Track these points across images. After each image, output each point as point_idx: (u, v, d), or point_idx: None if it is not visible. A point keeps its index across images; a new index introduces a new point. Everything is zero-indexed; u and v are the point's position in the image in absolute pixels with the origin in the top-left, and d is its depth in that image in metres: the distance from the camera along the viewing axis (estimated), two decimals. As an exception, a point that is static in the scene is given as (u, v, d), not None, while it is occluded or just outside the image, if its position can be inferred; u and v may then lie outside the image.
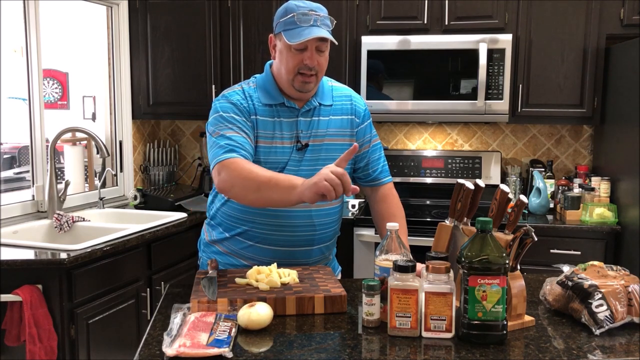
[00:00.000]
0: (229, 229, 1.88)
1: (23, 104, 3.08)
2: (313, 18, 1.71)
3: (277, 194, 1.58)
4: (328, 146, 1.85)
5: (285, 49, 1.74)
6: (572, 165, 3.66)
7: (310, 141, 1.83)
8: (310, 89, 1.80)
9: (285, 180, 1.58)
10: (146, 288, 2.83)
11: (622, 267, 1.54)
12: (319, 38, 1.71)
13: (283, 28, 1.73)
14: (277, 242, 1.83)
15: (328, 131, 1.86)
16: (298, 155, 1.81)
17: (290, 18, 1.71)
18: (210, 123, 1.79)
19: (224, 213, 1.88)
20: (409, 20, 3.36)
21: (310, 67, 1.74)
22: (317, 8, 1.74)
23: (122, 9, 3.62)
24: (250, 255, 1.84)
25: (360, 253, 3.19)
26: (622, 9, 3.17)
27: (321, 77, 1.82)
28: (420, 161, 3.64)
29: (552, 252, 3.05)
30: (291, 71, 1.75)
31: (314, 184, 1.48)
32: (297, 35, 1.69)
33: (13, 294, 2.24)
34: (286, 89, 1.81)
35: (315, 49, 1.73)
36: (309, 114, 1.84)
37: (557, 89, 3.28)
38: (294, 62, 1.74)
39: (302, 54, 1.73)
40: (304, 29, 1.70)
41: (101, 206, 3.33)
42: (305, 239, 1.85)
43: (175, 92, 3.67)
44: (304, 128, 1.83)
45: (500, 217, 1.48)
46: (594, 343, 1.33)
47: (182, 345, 1.25)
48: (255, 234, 1.83)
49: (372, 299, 1.41)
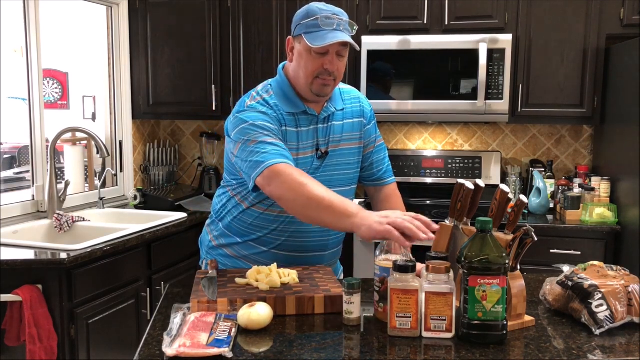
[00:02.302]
0: (242, 235, 1.85)
1: (23, 104, 3.08)
2: (336, 22, 1.68)
3: (329, 218, 1.53)
4: (342, 151, 1.84)
5: (306, 52, 1.70)
6: (572, 165, 3.66)
7: (328, 148, 1.81)
8: (328, 92, 1.76)
9: (340, 204, 1.51)
10: (146, 288, 2.83)
11: (622, 267, 1.54)
12: (341, 43, 1.69)
13: (304, 30, 1.69)
14: (292, 248, 1.82)
15: (343, 136, 1.84)
16: (318, 163, 1.79)
17: (313, 21, 1.67)
18: (239, 133, 1.69)
19: (239, 219, 1.84)
20: (409, 20, 3.36)
21: (331, 71, 1.71)
22: (340, 13, 1.71)
23: (122, 9, 3.62)
24: (263, 260, 1.82)
25: (360, 253, 3.19)
26: (622, 9, 3.17)
27: (339, 82, 1.79)
28: (420, 161, 3.64)
29: (552, 252, 3.05)
30: (310, 75, 1.71)
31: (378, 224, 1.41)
32: (320, 39, 1.66)
33: (13, 294, 2.24)
34: (303, 92, 1.76)
35: (336, 53, 1.71)
36: (326, 121, 1.81)
37: (557, 89, 3.28)
38: (314, 66, 1.70)
39: (323, 58, 1.69)
40: (327, 32, 1.66)
41: (101, 206, 3.33)
42: (320, 245, 1.85)
43: (175, 92, 3.67)
44: (322, 136, 1.80)
45: (500, 217, 1.48)
46: (594, 343, 1.33)
47: (182, 345, 1.25)
48: (270, 240, 1.82)
49: (351, 297, 1.41)
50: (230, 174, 1.85)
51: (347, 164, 1.86)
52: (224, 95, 3.62)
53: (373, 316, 1.48)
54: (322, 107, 1.81)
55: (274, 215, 1.79)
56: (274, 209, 1.77)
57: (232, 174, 1.84)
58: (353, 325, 1.42)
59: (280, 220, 1.79)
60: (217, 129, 4.05)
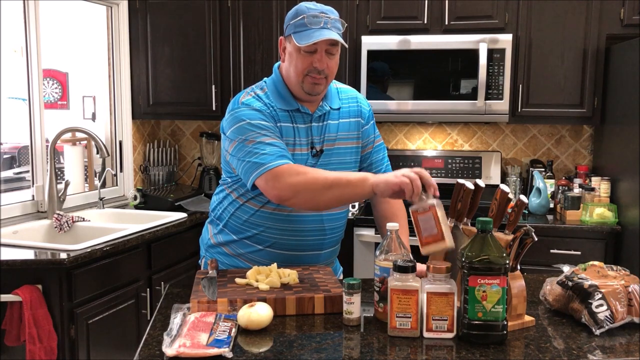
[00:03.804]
0: (237, 232, 1.86)
1: (23, 104, 3.07)
2: (323, 20, 1.69)
3: (349, 189, 1.60)
4: (338, 150, 1.84)
5: (295, 52, 1.72)
6: (572, 165, 3.66)
7: (323, 146, 1.82)
8: (320, 91, 1.77)
9: (353, 176, 1.64)
10: (146, 288, 2.83)
11: (622, 267, 1.54)
12: (329, 41, 1.70)
13: (293, 30, 1.71)
14: (288, 246, 1.82)
15: (338, 135, 1.85)
16: (313, 161, 1.80)
17: (300, 20, 1.70)
18: (236, 132, 1.72)
19: (235, 216, 1.85)
20: (409, 20, 3.36)
21: (320, 70, 1.72)
22: (328, 11, 1.72)
23: (122, 9, 3.62)
24: (258, 259, 1.83)
25: (360, 253, 3.19)
26: (622, 9, 3.17)
27: (331, 80, 1.80)
28: (420, 161, 3.64)
29: (552, 252, 3.05)
30: (300, 73, 1.73)
31: (393, 176, 1.53)
32: (307, 37, 1.68)
33: (13, 294, 2.24)
34: (296, 91, 1.78)
35: (325, 52, 1.72)
36: (321, 119, 1.83)
37: (557, 89, 3.28)
38: (304, 65, 1.72)
39: (312, 57, 1.71)
40: (314, 31, 1.68)
41: (101, 206, 3.33)
42: (315, 243, 1.85)
43: (175, 92, 3.67)
44: (316, 134, 1.81)
45: (500, 217, 1.47)
46: (594, 343, 1.33)
47: (182, 345, 1.25)
48: (266, 238, 1.82)
49: (351, 297, 1.41)
50: (225, 171, 1.87)
51: (343, 163, 1.86)
52: (224, 95, 3.62)
53: (373, 316, 1.48)
54: (317, 105, 1.82)
55: (269, 212, 1.80)
56: (270, 206, 1.78)
57: (227, 171, 1.85)
58: (353, 325, 1.42)
59: (275, 218, 1.80)
60: (217, 129, 4.05)
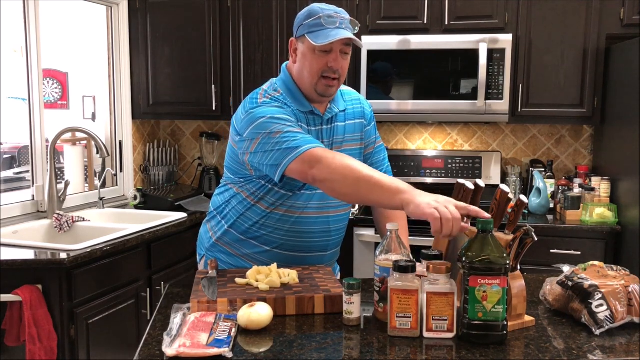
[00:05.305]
0: (245, 232, 1.84)
1: (23, 104, 3.07)
2: (339, 20, 1.70)
3: (377, 191, 1.50)
4: (345, 152, 1.83)
5: (309, 52, 1.72)
6: (572, 165, 3.66)
7: (332, 149, 1.81)
8: (333, 93, 1.77)
9: (389, 181, 1.51)
10: (146, 288, 2.83)
11: (622, 267, 1.54)
12: (344, 41, 1.70)
13: (307, 30, 1.70)
14: (294, 248, 1.82)
15: (345, 137, 1.85)
16: None
17: (315, 20, 1.69)
18: (258, 128, 1.66)
19: (245, 217, 1.83)
20: (409, 20, 3.36)
21: (335, 69, 1.72)
22: (341, 12, 1.73)
23: (122, 9, 3.62)
24: (263, 259, 1.82)
25: (360, 253, 3.19)
26: (622, 9, 3.17)
27: (342, 81, 1.80)
28: (420, 161, 3.64)
29: (552, 252, 3.05)
30: (315, 74, 1.72)
31: (427, 204, 1.39)
32: (324, 37, 1.67)
33: (13, 294, 2.24)
34: (308, 92, 1.77)
35: (340, 51, 1.72)
36: (330, 122, 1.82)
37: (557, 89, 3.28)
38: (319, 65, 1.71)
39: (327, 57, 1.71)
40: (330, 30, 1.68)
41: (101, 206, 3.33)
42: (321, 245, 1.85)
43: (175, 92, 3.67)
44: (326, 136, 1.81)
45: (501, 217, 1.47)
46: (594, 343, 1.33)
47: (182, 345, 1.25)
48: (273, 239, 1.82)
49: (351, 297, 1.41)
50: (235, 173, 1.84)
51: None
52: (224, 95, 3.62)
53: (373, 316, 1.48)
54: (326, 107, 1.82)
55: (280, 214, 1.79)
56: (281, 207, 1.78)
57: (237, 172, 1.83)
58: (353, 325, 1.42)
59: (284, 220, 1.79)
60: (217, 129, 4.05)
